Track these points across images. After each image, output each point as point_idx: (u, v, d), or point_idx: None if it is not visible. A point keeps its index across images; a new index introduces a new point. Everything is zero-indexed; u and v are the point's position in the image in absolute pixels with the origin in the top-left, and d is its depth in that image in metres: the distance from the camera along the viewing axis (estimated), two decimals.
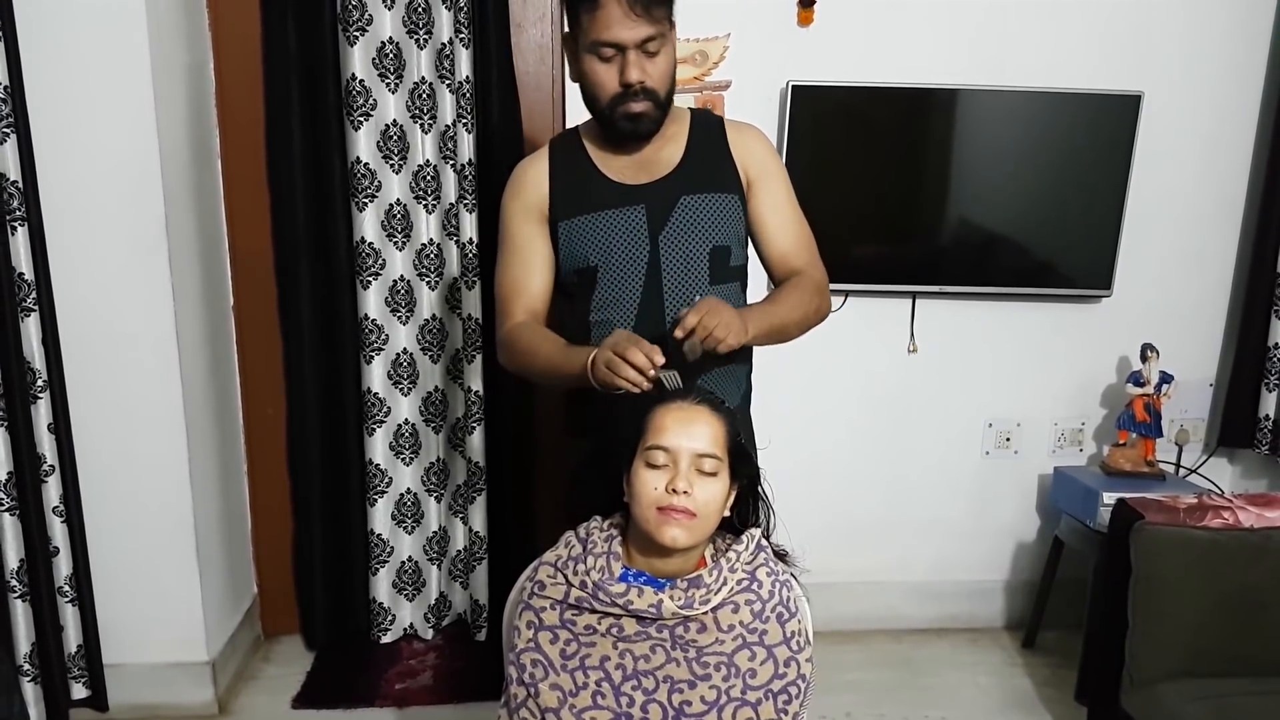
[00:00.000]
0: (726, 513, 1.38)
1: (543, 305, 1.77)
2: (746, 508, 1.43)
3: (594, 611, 1.32)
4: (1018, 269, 2.79)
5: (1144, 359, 2.72)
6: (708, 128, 1.76)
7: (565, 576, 1.35)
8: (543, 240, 1.74)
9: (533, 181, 1.75)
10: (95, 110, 2.22)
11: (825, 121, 2.63)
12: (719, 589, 1.32)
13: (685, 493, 1.29)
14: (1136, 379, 2.74)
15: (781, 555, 1.44)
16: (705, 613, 1.31)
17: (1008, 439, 2.99)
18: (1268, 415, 2.83)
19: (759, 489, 1.43)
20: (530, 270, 1.75)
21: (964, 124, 2.69)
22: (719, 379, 1.70)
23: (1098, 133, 2.68)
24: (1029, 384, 2.94)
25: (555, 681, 1.30)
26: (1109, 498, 2.54)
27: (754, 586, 1.34)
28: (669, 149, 1.72)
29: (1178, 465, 2.89)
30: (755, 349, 1.77)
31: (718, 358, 1.53)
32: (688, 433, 1.32)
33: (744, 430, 1.79)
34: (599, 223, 1.70)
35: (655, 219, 1.69)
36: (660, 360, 1.41)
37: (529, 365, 1.69)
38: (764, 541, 1.41)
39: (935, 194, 2.76)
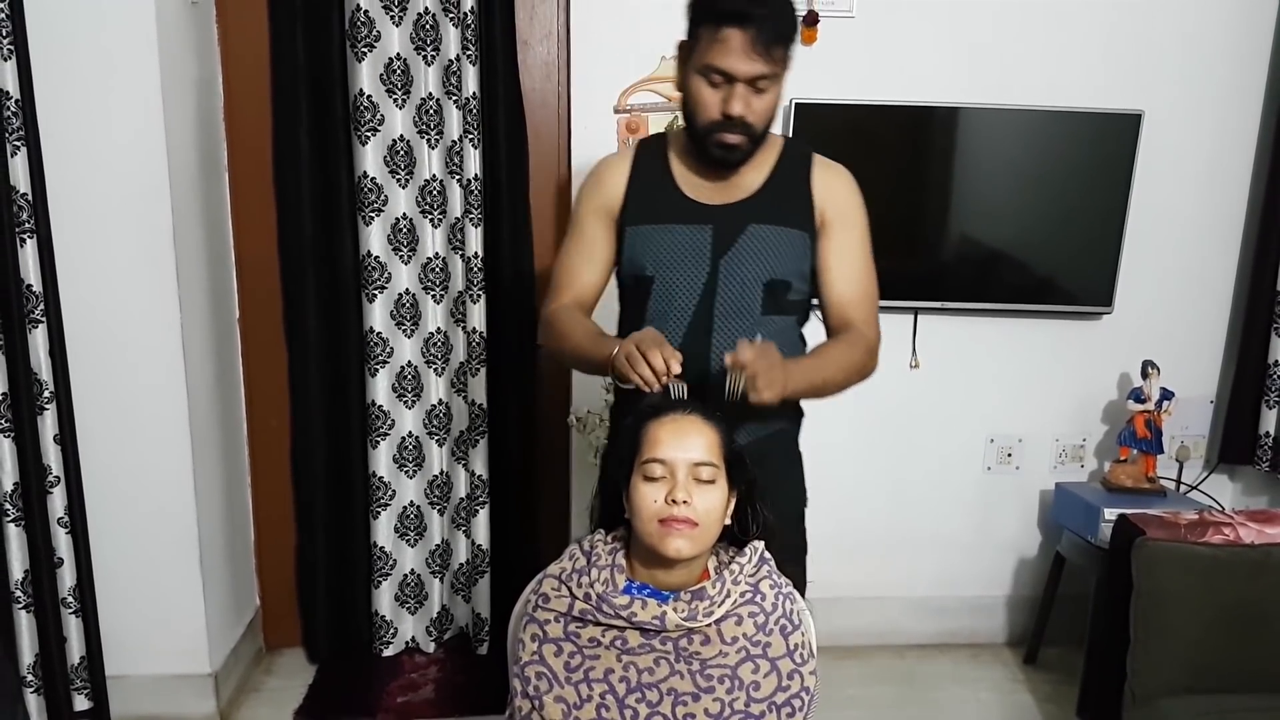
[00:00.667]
0: (727, 520, 1.39)
1: (591, 299, 1.79)
2: (746, 515, 1.43)
3: (598, 624, 1.33)
4: (1019, 285, 2.80)
5: (1145, 375, 2.73)
6: (795, 161, 1.74)
7: (569, 589, 1.36)
8: (607, 241, 1.76)
9: (610, 181, 1.75)
10: (104, 123, 2.24)
11: (828, 139, 2.62)
12: (722, 601, 1.33)
13: (685, 503, 1.30)
14: (1137, 395, 2.74)
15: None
16: (709, 625, 1.32)
17: (1009, 455, 2.99)
18: (1268, 432, 2.84)
19: (755, 494, 1.43)
20: (588, 265, 1.77)
21: (966, 142, 2.71)
22: (769, 442, 1.73)
23: (1098, 151, 2.70)
24: (1031, 400, 2.95)
25: (560, 694, 1.30)
26: (1110, 513, 2.55)
27: (757, 599, 1.35)
28: (751, 175, 1.71)
29: (1178, 481, 2.90)
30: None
31: (750, 408, 1.51)
32: (682, 444, 1.33)
33: (795, 500, 1.87)
34: (664, 236, 1.70)
35: (720, 242, 1.68)
36: (677, 369, 1.42)
37: (561, 347, 1.71)
38: (767, 554, 1.42)
39: (937, 211, 2.77)
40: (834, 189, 1.75)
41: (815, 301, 1.81)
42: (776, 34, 1.54)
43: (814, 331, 1.83)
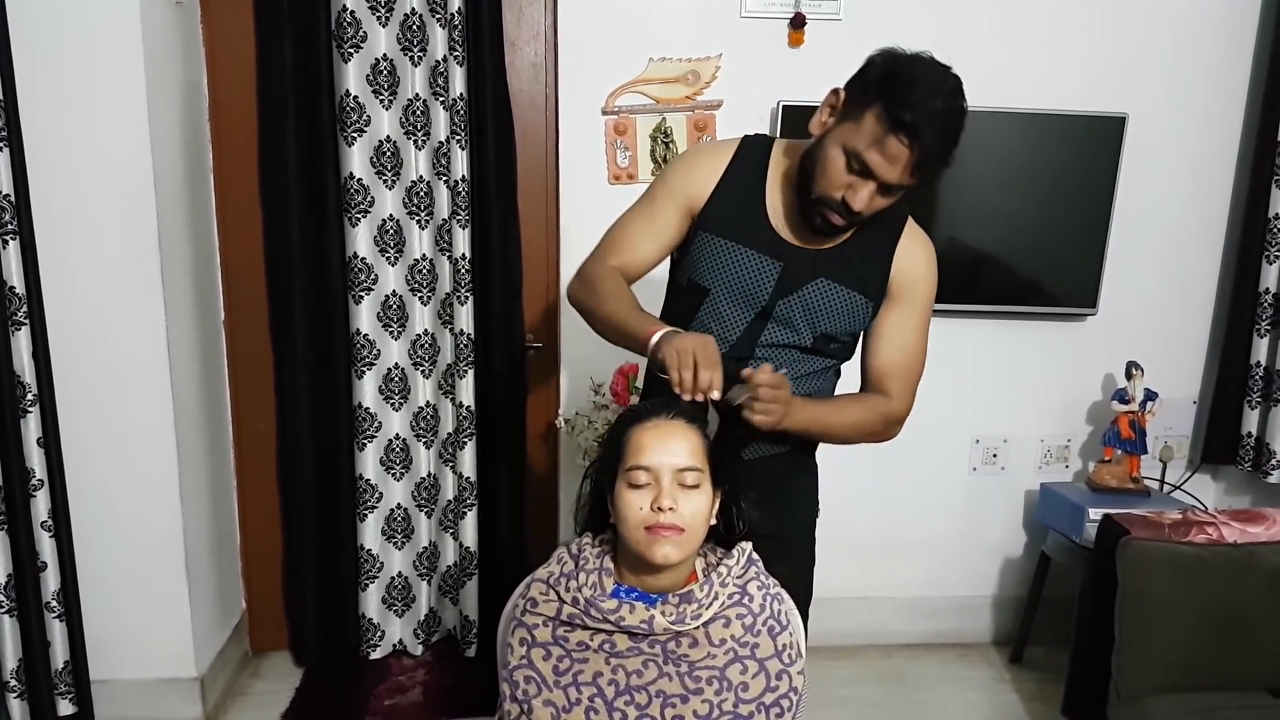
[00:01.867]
0: (713, 520, 1.39)
1: (639, 274, 1.73)
2: (731, 515, 1.43)
3: (586, 628, 1.33)
4: (1005, 288, 2.82)
5: (1129, 376, 2.75)
6: (889, 221, 1.67)
7: (557, 593, 1.36)
8: (677, 228, 1.70)
9: (702, 174, 1.67)
10: (89, 125, 2.23)
11: None
12: (710, 603, 1.33)
13: (671, 509, 1.30)
14: (1122, 396, 2.77)
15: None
16: (697, 627, 1.32)
17: (995, 455, 3.01)
18: (1250, 432, 2.87)
19: (739, 493, 1.43)
20: (648, 242, 1.71)
21: None
22: (787, 459, 1.74)
23: (1083, 153, 2.72)
24: (1016, 401, 2.97)
25: (548, 698, 1.30)
26: (1095, 514, 2.57)
27: (745, 600, 1.35)
28: None
29: (1162, 481, 2.92)
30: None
31: (751, 431, 1.52)
32: (665, 448, 1.33)
33: (808, 512, 1.91)
34: (734, 255, 1.65)
35: (786, 283, 1.64)
36: (716, 396, 1.40)
37: (599, 308, 1.64)
38: (754, 555, 1.42)
39: (923, 213, 2.76)
40: (915, 264, 1.70)
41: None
42: (940, 160, 1.48)
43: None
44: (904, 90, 1.45)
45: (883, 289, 1.69)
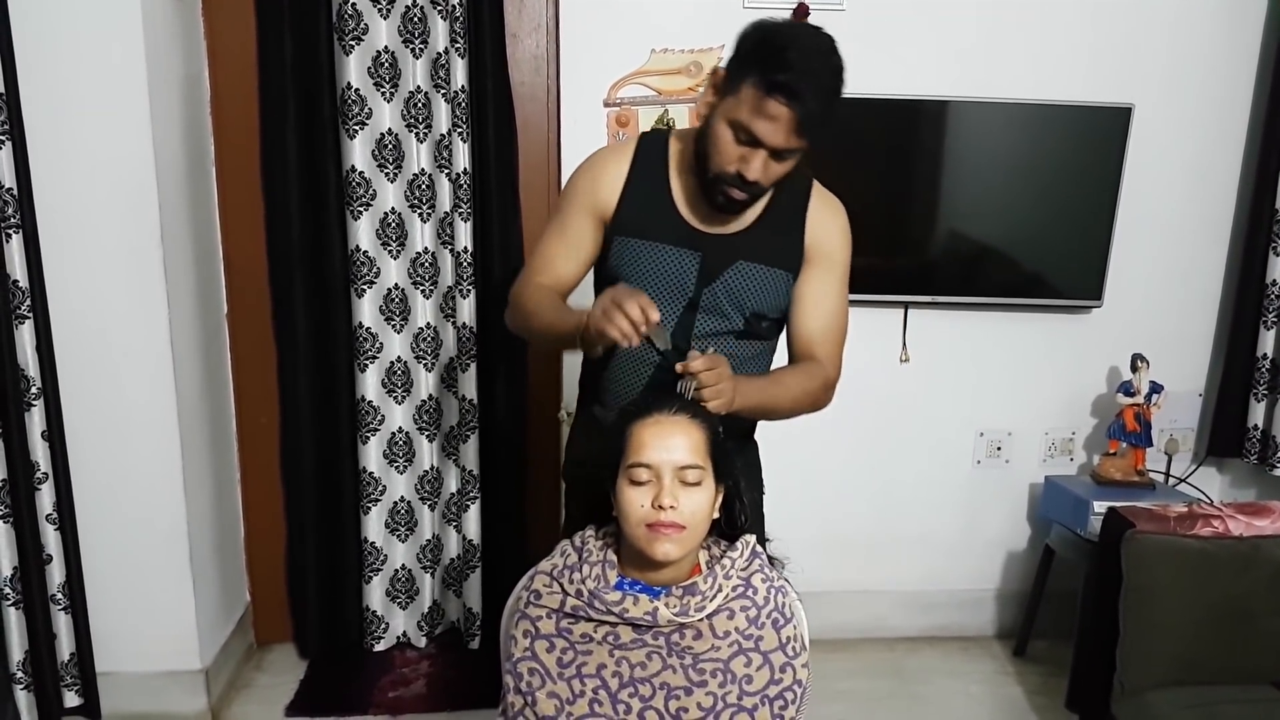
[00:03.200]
0: (715, 515, 1.38)
1: (567, 286, 1.75)
2: (734, 508, 1.43)
3: (590, 620, 1.33)
4: (1009, 280, 2.81)
5: (1134, 369, 2.75)
6: (795, 193, 1.70)
7: (561, 585, 1.36)
8: (592, 239, 1.71)
9: (606, 181, 1.69)
10: (91, 119, 2.23)
11: None
12: (714, 596, 1.33)
13: (672, 507, 1.30)
14: (1127, 389, 2.76)
15: (771, 556, 1.45)
16: (701, 620, 1.32)
17: (999, 448, 3.00)
18: (1256, 425, 2.86)
19: (743, 489, 1.43)
20: (568, 260, 1.73)
21: (955, 136, 2.71)
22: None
23: (1088, 145, 2.71)
24: (1020, 394, 2.96)
25: (552, 690, 1.30)
26: (1099, 507, 2.56)
27: (749, 593, 1.35)
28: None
29: (1167, 474, 2.91)
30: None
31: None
32: (666, 445, 1.33)
33: (755, 490, 1.84)
34: (652, 254, 1.66)
35: (707, 271, 1.66)
36: (655, 317, 1.41)
37: (530, 325, 1.69)
38: (758, 548, 1.42)
39: (927, 205, 2.77)
40: (827, 229, 1.72)
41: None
42: (821, 118, 1.49)
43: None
44: (776, 53, 1.47)
45: (799, 259, 1.71)
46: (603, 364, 1.72)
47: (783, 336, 1.80)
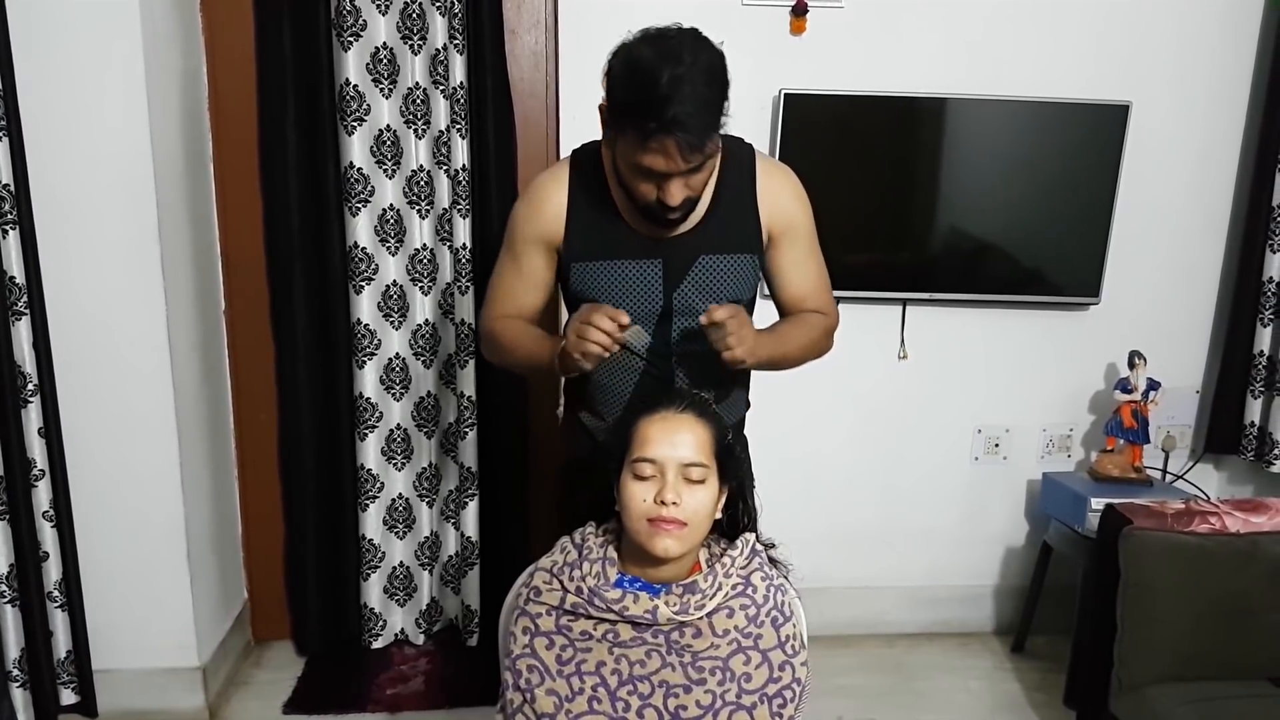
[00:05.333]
0: (717, 514, 1.38)
1: (536, 316, 1.76)
2: (736, 508, 1.43)
3: (590, 617, 1.33)
4: (1007, 277, 2.81)
5: (1132, 366, 2.75)
6: (739, 172, 1.67)
7: (561, 583, 1.36)
8: (547, 269, 1.70)
9: (548, 211, 1.66)
10: (89, 115, 2.22)
11: (817, 129, 2.65)
12: (714, 594, 1.33)
13: (674, 504, 1.30)
14: (1124, 386, 2.76)
15: (774, 559, 1.45)
16: (700, 618, 1.32)
17: (997, 445, 3.01)
18: (1253, 422, 2.86)
19: (746, 489, 1.43)
20: (526, 290, 1.72)
21: (955, 133, 2.71)
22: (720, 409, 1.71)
23: (1087, 142, 2.71)
24: (1018, 391, 2.96)
25: (551, 687, 1.30)
26: (1097, 503, 2.56)
27: (749, 591, 1.35)
28: None
29: (1164, 471, 2.91)
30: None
31: (714, 371, 1.53)
32: (672, 442, 1.33)
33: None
34: (614, 271, 1.65)
35: (671, 275, 1.65)
36: (625, 320, 1.42)
37: (510, 359, 1.71)
38: (758, 546, 1.42)
39: (926, 202, 2.77)
40: (780, 202, 1.69)
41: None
42: (706, 130, 1.44)
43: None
44: (638, 98, 1.42)
45: (759, 239, 1.69)
46: (584, 374, 1.69)
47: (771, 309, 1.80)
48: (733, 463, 1.39)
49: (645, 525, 1.31)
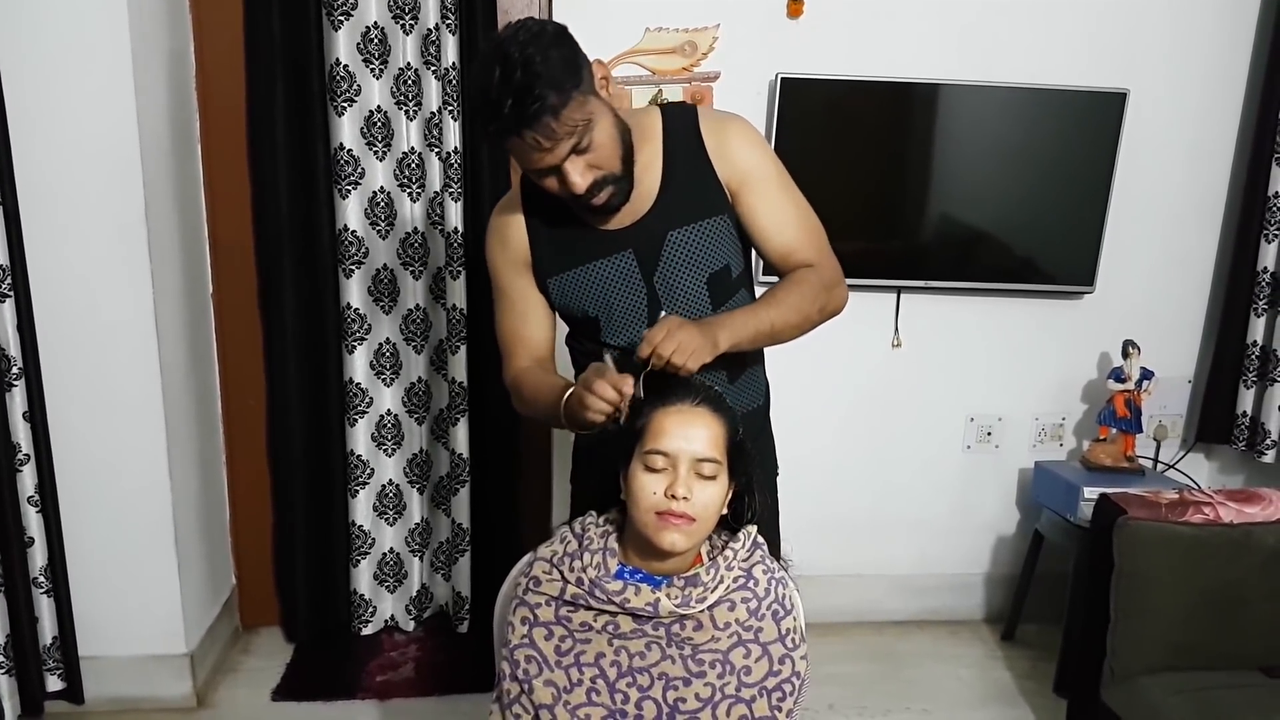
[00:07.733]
0: (724, 510, 1.37)
1: (546, 349, 1.71)
2: (741, 504, 1.42)
3: (590, 609, 1.31)
4: (1002, 265, 2.80)
5: (1125, 355, 2.75)
6: (683, 136, 1.59)
7: (561, 573, 1.34)
8: (535, 290, 1.67)
9: (512, 236, 1.64)
10: (74, 96, 2.18)
11: (814, 114, 2.63)
12: (715, 587, 1.32)
13: (685, 498, 1.28)
14: (1118, 375, 2.76)
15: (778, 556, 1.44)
16: (702, 611, 1.31)
17: (989, 433, 3.01)
18: (1245, 412, 2.87)
19: (754, 486, 1.42)
20: (527, 320, 1.69)
21: (950, 119, 2.69)
22: (736, 389, 1.67)
23: (1082, 129, 2.70)
24: (1011, 379, 2.96)
25: (550, 678, 1.29)
26: (1090, 492, 2.56)
27: (750, 584, 1.34)
28: (645, 178, 1.57)
29: (1156, 460, 2.92)
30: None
31: (712, 364, 1.47)
32: (687, 435, 1.31)
33: (763, 435, 1.82)
34: (589, 275, 1.61)
35: (646, 262, 1.59)
36: (629, 390, 1.35)
37: (534, 413, 1.66)
38: (760, 539, 1.40)
39: (919, 189, 2.76)
40: (729, 155, 1.60)
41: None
42: (554, 109, 1.37)
43: None
44: (488, 105, 1.38)
45: (722, 197, 1.61)
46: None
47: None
48: (742, 460, 1.37)
49: (654, 518, 1.29)
